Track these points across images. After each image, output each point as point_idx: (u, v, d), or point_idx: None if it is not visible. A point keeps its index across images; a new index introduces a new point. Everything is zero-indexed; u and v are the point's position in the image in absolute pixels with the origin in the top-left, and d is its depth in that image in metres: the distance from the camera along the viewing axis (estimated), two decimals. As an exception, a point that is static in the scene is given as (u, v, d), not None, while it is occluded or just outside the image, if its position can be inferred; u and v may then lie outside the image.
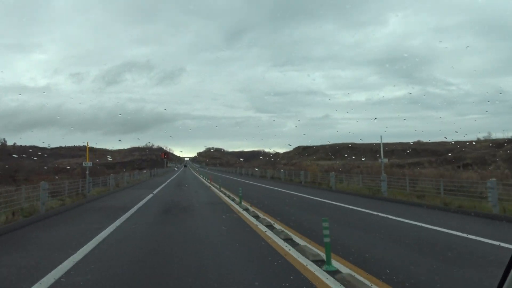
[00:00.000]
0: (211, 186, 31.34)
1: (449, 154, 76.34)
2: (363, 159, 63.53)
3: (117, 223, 11.91)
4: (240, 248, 8.16)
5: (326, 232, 6.30)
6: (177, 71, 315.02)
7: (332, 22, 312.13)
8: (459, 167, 46.53)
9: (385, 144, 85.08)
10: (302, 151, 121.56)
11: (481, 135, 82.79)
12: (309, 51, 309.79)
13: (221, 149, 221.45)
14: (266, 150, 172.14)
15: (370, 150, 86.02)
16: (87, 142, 23.89)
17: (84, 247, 8.24)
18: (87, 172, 23.48)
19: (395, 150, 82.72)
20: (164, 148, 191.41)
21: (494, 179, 14.23)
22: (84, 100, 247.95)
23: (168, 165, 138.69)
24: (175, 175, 66.30)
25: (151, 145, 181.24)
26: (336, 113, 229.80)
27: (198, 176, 60.45)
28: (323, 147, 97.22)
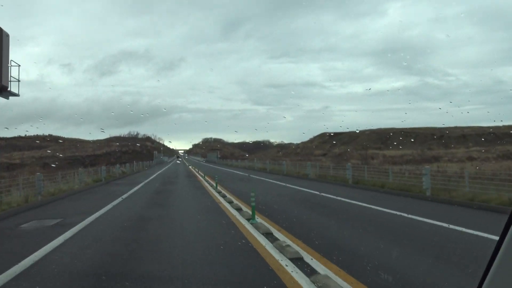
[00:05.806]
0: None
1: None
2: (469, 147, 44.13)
3: None
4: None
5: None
6: (173, 64, 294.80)
7: (330, 12, 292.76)
8: None
9: (449, 129, 62.90)
10: (329, 139, 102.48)
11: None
12: (306, 42, 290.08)
13: (221, 139, 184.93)
14: (272, 140, 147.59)
15: (431, 136, 66.68)
16: None
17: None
18: None
19: (466, 135, 63.43)
20: (153, 137, 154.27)
21: None
22: (78, 93, 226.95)
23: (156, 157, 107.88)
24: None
25: (135, 133, 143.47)
26: (334, 104, 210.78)
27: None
28: (362, 133, 77.92)
